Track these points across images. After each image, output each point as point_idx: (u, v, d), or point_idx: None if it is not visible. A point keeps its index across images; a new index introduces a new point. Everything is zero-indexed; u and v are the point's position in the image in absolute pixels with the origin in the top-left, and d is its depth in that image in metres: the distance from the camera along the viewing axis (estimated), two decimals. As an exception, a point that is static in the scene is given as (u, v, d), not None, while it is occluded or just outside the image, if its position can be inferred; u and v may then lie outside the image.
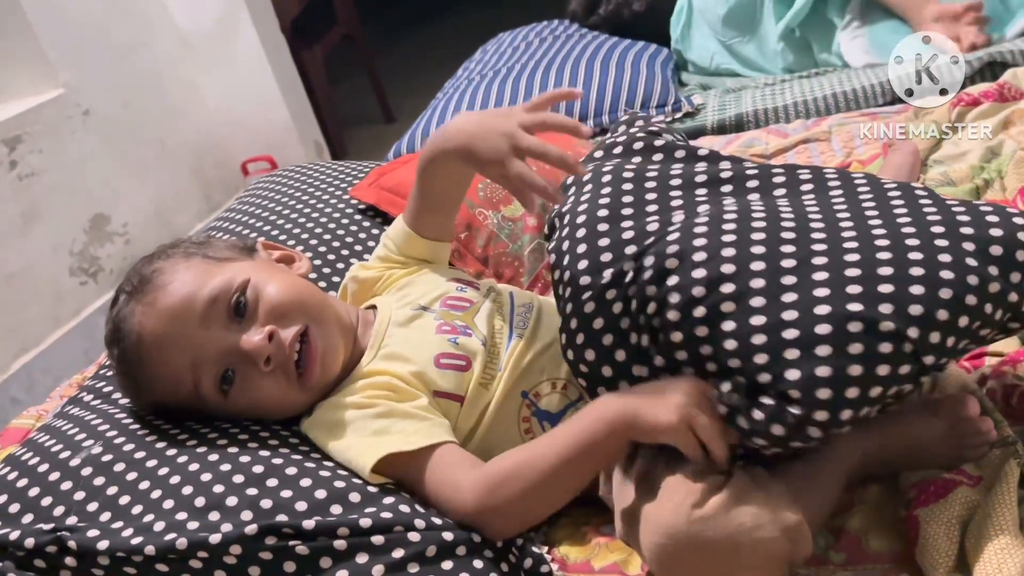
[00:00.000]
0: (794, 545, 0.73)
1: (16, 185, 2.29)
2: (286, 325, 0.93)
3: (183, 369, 0.91)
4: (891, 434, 0.87)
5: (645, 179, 0.93)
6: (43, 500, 0.84)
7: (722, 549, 0.71)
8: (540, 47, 2.20)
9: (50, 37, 2.43)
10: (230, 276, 0.94)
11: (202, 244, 1.01)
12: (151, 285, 0.93)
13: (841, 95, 1.74)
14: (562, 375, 0.97)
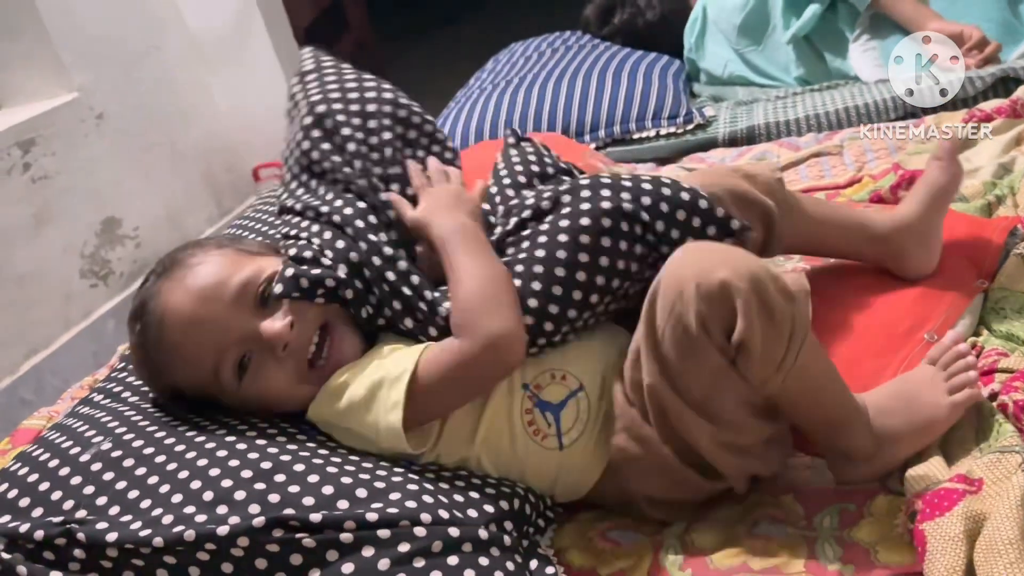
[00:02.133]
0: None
1: (29, 187, 2.30)
2: (307, 319, 0.95)
3: (206, 350, 0.92)
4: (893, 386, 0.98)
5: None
6: (53, 494, 0.85)
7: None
8: (552, 57, 2.21)
9: (65, 41, 2.44)
10: (260, 266, 0.97)
11: (234, 239, 1.06)
12: (182, 266, 0.95)
13: (853, 109, 1.75)
14: (560, 366, 0.98)
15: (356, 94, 1.14)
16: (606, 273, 0.97)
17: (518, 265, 0.97)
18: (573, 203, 0.99)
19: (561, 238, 0.96)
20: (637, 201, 0.98)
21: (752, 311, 0.81)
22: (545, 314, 0.95)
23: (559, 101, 1.98)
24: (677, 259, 0.88)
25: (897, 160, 1.46)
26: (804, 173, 1.57)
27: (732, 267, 0.82)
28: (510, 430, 0.96)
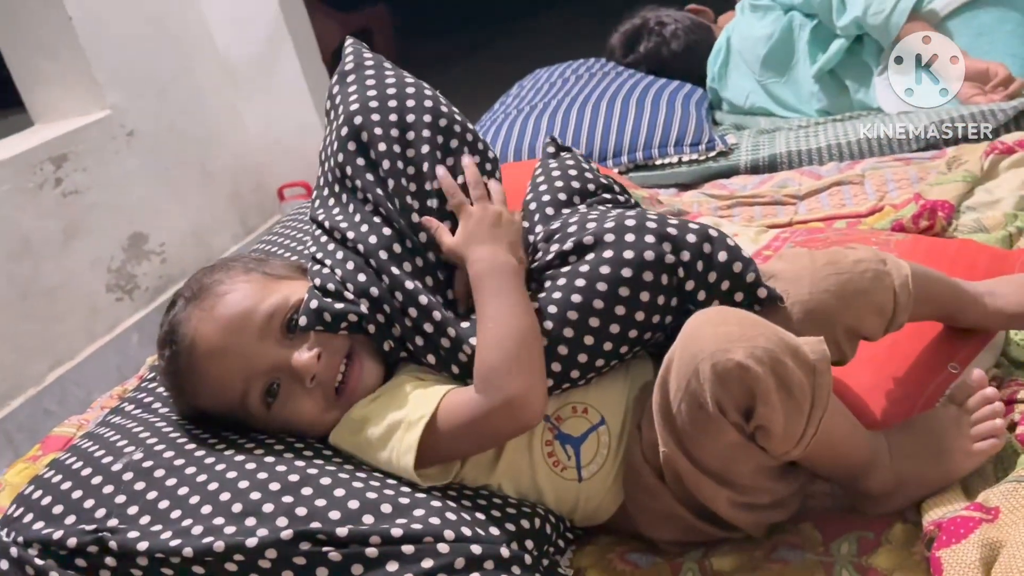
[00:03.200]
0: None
1: (60, 202, 2.34)
2: (332, 349, 0.96)
3: (234, 379, 0.94)
4: (916, 425, 0.95)
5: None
6: (86, 502, 0.87)
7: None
8: (576, 83, 2.24)
9: (100, 61, 2.49)
10: (286, 294, 0.98)
11: (261, 261, 1.04)
12: (211, 293, 0.96)
13: (875, 140, 1.77)
14: (582, 399, 0.98)
15: (395, 101, 1.09)
16: (639, 326, 0.96)
17: (551, 306, 0.96)
18: (616, 246, 0.96)
19: (600, 287, 0.95)
20: (678, 254, 0.96)
21: (771, 393, 0.80)
22: (574, 363, 0.95)
23: (583, 126, 2.00)
24: (692, 331, 0.85)
25: (918, 190, 1.47)
26: (825, 201, 1.58)
27: (749, 346, 0.80)
28: (530, 460, 0.97)
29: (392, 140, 1.06)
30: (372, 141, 1.06)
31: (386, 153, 1.06)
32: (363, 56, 1.16)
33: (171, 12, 2.81)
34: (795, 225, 1.52)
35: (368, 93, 1.10)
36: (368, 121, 1.07)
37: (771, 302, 0.97)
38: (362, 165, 1.06)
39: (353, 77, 1.13)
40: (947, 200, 1.40)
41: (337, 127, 1.09)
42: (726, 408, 0.81)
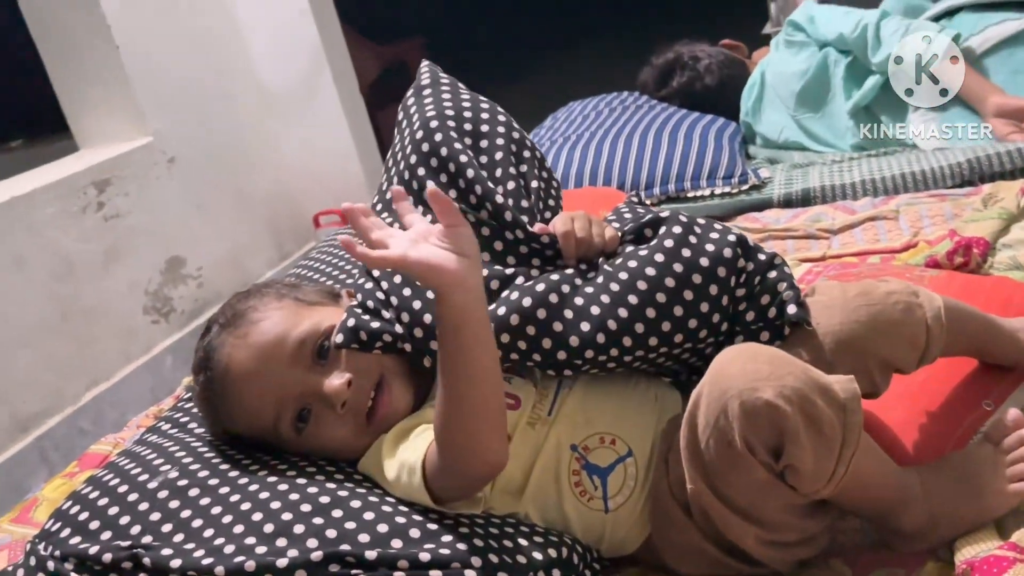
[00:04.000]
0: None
1: (102, 225, 2.39)
2: (363, 373, 0.97)
3: (266, 404, 0.95)
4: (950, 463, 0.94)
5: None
6: (121, 519, 0.88)
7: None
8: (610, 116, 2.25)
9: (144, 88, 2.55)
10: (318, 320, 0.99)
11: (293, 287, 1.06)
12: (244, 320, 0.98)
13: (910, 175, 1.76)
14: (611, 430, 0.99)
15: (470, 112, 1.12)
16: (699, 318, 0.96)
17: (613, 283, 0.96)
18: (702, 235, 0.98)
19: (676, 267, 0.96)
20: (747, 262, 0.99)
21: (800, 432, 0.79)
22: (616, 344, 0.96)
23: (615, 158, 2.01)
24: (721, 367, 0.84)
25: (953, 226, 1.46)
26: (859, 236, 1.58)
27: (778, 384, 0.79)
28: (557, 489, 0.98)
29: (466, 145, 1.08)
30: (446, 142, 1.07)
31: (459, 151, 1.06)
32: (439, 74, 1.20)
33: (214, 42, 2.88)
34: (828, 259, 1.52)
35: (445, 103, 1.12)
36: (444, 126, 1.09)
37: (796, 324, 0.97)
38: (433, 167, 1.07)
39: (429, 91, 1.16)
40: (982, 237, 1.39)
41: (411, 132, 1.11)
42: (754, 446, 0.81)
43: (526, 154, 1.13)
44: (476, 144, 1.10)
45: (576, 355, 0.96)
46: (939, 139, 1.91)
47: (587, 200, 1.61)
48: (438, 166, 1.06)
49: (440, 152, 1.06)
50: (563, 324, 0.95)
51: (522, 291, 0.97)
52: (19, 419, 2.11)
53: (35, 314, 2.18)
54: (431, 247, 0.82)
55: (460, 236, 0.83)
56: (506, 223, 1.02)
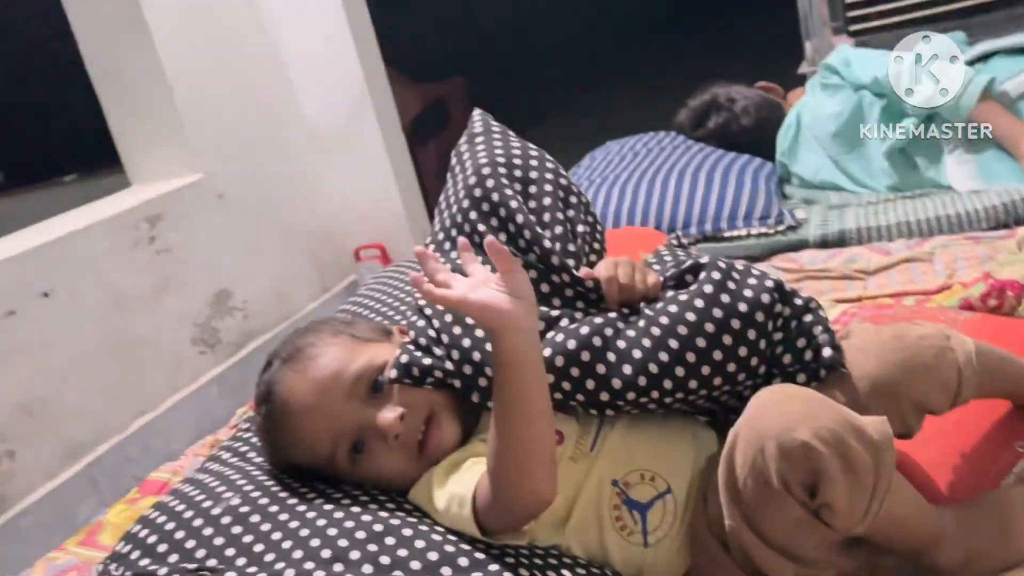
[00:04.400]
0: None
1: (153, 259, 2.46)
2: (415, 407, 1.02)
3: (323, 436, 1.01)
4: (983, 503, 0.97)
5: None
6: (187, 542, 0.94)
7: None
8: (647, 157, 2.30)
9: (195, 127, 2.63)
10: (372, 356, 1.05)
11: (349, 324, 1.11)
12: (303, 355, 1.04)
13: (945, 218, 1.79)
14: (650, 467, 1.02)
15: (520, 160, 1.18)
16: (738, 363, 1.00)
17: (655, 327, 1.01)
18: (741, 281, 1.02)
19: (716, 312, 1.00)
20: (784, 306, 1.02)
21: (835, 472, 0.82)
22: (656, 386, 1.00)
23: (653, 198, 2.06)
24: (757, 409, 0.88)
25: (988, 269, 1.49)
26: (894, 278, 1.60)
27: (814, 425, 0.83)
28: (598, 522, 1.01)
29: (516, 191, 1.14)
30: (497, 188, 1.13)
31: (509, 197, 1.12)
32: (490, 123, 1.26)
33: (263, 83, 2.97)
34: (864, 301, 1.55)
35: (496, 150, 1.18)
36: (495, 172, 1.15)
37: (831, 368, 1.01)
38: (485, 211, 1.12)
39: (482, 139, 1.22)
40: (1017, 280, 1.42)
41: (464, 178, 1.17)
42: (791, 485, 0.84)
43: (573, 200, 1.18)
44: (525, 190, 1.15)
45: (618, 396, 1.00)
46: (974, 181, 1.93)
47: (627, 240, 1.65)
48: (489, 211, 1.12)
49: (491, 198, 1.12)
50: (606, 366, 1.00)
51: (567, 333, 1.01)
52: (70, 446, 2.17)
53: (88, 344, 2.24)
54: (489, 290, 0.88)
55: (516, 281, 0.89)
56: (553, 267, 1.07)
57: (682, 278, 1.06)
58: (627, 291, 1.06)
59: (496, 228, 1.11)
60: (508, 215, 1.11)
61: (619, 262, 1.08)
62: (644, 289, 1.06)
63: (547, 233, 1.12)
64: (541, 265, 1.08)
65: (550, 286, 1.08)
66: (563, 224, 1.15)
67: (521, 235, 1.09)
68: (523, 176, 1.16)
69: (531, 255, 1.08)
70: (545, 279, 1.08)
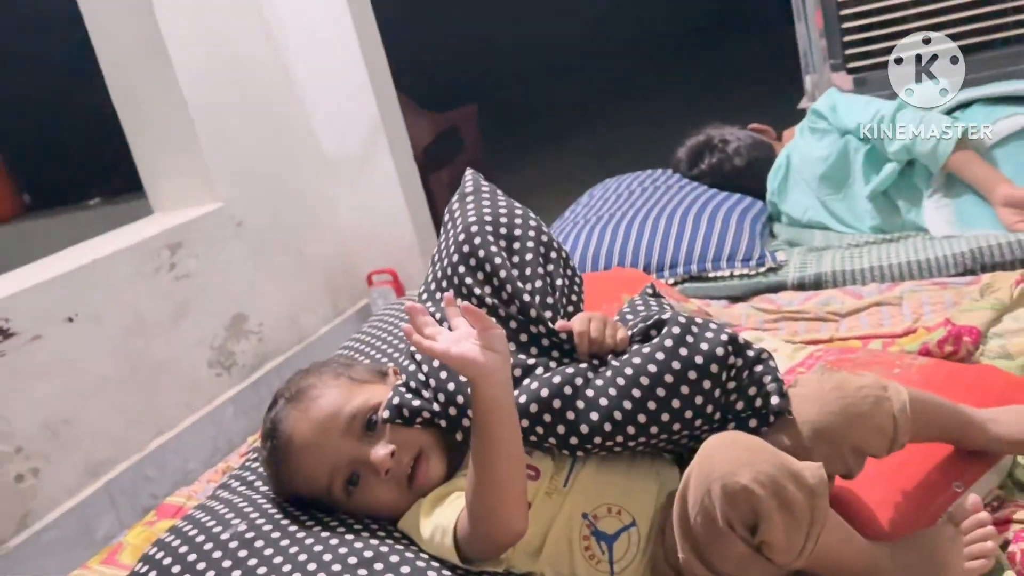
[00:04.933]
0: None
1: (173, 284, 2.57)
2: (405, 444, 1.13)
3: (322, 469, 1.12)
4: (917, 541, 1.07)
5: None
6: (199, 565, 1.05)
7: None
8: (642, 196, 2.41)
9: (216, 157, 2.75)
10: (367, 396, 1.16)
11: (347, 366, 1.23)
12: (306, 396, 1.15)
13: (915, 263, 1.88)
14: (617, 502, 1.13)
15: (506, 219, 1.29)
16: (694, 410, 1.10)
17: (620, 378, 1.11)
18: (698, 335, 1.11)
19: (674, 365, 1.10)
20: (737, 358, 1.12)
21: (772, 513, 0.91)
22: (621, 431, 1.10)
23: (643, 239, 2.17)
24: (707, 453, 0.97)
25: (950, 315, 1.58)
26: (865, 321, 1.70)
27: (754, 470, 0.91)
28: (570, 552, 1.12)
29: (500, 247, 1.25)
30: (483, 245, 1.24)
31: (494, 254, 1.23)
32: (480, 183, 1.38)
33: (280, 114, 3.08)
34: (835, 342, 1.64)
35: (484, 209, 1.30)
36: (482, 230, 1.26)
37: (779, 414, 1.11)
38: (472, 266, 1.24)
39: (472, 198, 1.34)
40: (975, 326, 1.51)
41: (455, 234, 1.29)
42: (734, 524, 0.93)
43: (553, 255, 1.30)
44: (510, 246, 1.26)
45: (586, 440, 1.11)
46: (951, 226, 2.02)
47: (613, 283, 1.76)
48: (476, 265, 1.23)
49: (478, 254, 1.24)
50: (575, 413, 1.11)
51: (540, 382, 1.12)
52: (91, 465, 2.26)
53: (109, 366, 2.34)
54: (470, 344, 0.99)
55: (493, 337, 1.00)
56: (531, 319, 1.19)
57: (647, 332, 1.16)
58: (597, 344, 1.17)
59: (481, 281, 1.22)
60: (492, 270, 1.22)
61: (592, 317, 1.19)
62: (612, 344, 1.17)
63: (527, 287, 1.23)
64: (521, 316, 1.19)
65: (528, 336, 1.19)
66: (543, 278, 1.26)
67: (504, 288, 1.21)
68: (508, 233, 1.27)
69: (512, 307, 1.19)
70: (524, 329, 1.19)
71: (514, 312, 1.20)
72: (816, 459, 0.98)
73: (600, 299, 1.50)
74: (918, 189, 2.11)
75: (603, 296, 1.53)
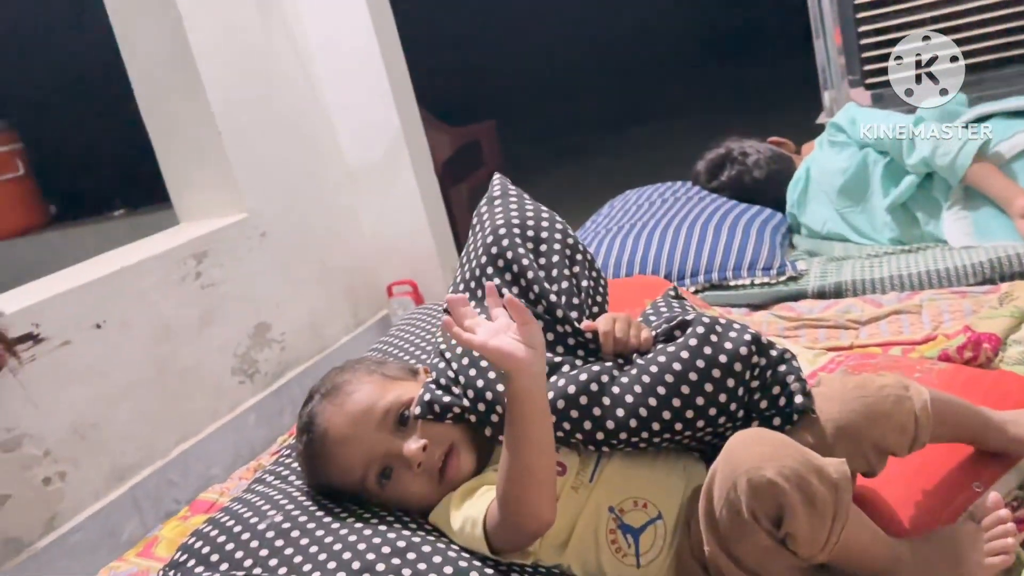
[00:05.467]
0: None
1: (199, 293, 2.60)
2: (437, 439, 1.16)
3: (356, 462, 1.15)
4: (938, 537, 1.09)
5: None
6: (236, 553, 1.08)
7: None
8: (662, 206, 2.44)
9: (242, 169, 2.79)
10: (400, 392, 1.19)
11: (380, 363, 1.27)
12: (341, 391, 1.19)
13: (935, 272, 1.90)
14: (644, 495, 1.15)
15: (533, 221, 1.33)
16: (718, 407, 1.13)
17: (645, 375, 1.13)
18: (722, 335, 1.14)
19: (699, 363, 1.12)
20: (761, 357, 1.14)
21: (796, 506, 0.93)
22: (646, 428, 1.13)
23: (664, 248, 2.20)
24: (733, 448, 0.99)
25: (969, 322, 1.60)
26: (884, 328, 1.72)
27: (779, 465, 0.94)
28: (596, 544, 1.14)
29: (528, 249, 1.28)
30: (511, 247, 1.27)
31: (522, 255, 1.26)
32: (508, 186, 1.41)
33: (305, 127, 3.13)
34: (855, 349, 1.66)
35: (512, 212, 1.33)
36: (510, 233, 1.29)
37: (802, 412, 1.13)
38: (500, 267, 1.27)
39: (500, 201, 1.37)
40: (995, 333, 1.53)
41: (483, 236, 1.32)
42: (759, 517, 0.96)
43: (579, 257, 1.33)
44: (537, 248, 1.29)
45: (612, 436, 1.14)
46: (969, 237, 2.04)
47: (635, 289, 1.78)
48: (503, 267, 1.26)
49: (506, 255, 1.27)
50: (601, 410, 1.13)
51: (567, 379, 1.15)
52: (117, 469, 2.29)
53: (136, 373, 2.37)
54: (507, 338, 1.02)
55: (530, 332, 1.03)
56: (558, 319, 1.21)
57: (671, 333, 1.19)
58: (621, 344, 1.20)
59: (509, 282, 1.25)
60: (520, 271, 1.25)
61: (617, 318, 1.22)
62: (637, 344, 1.20)
63: (554, 288, 1.26)
64: (548, 316, 1.22)
65: (555, 335, 1.22)
66: (569, 280, 1.29)
67: (531, 289, 1.24)
68: (535, 236, 1.30)
69: (539, 307, 1.22)
70: (551, 329, 1.22)
71: (541, 312, 1.23)
72: (839, 456, 1.01)
73: (622, 305, 1.52)
74: (937, 201, 2.13)
75: (625, 302, 1.55)
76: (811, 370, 1.52)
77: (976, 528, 1.10)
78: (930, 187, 2.14)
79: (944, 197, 2.11)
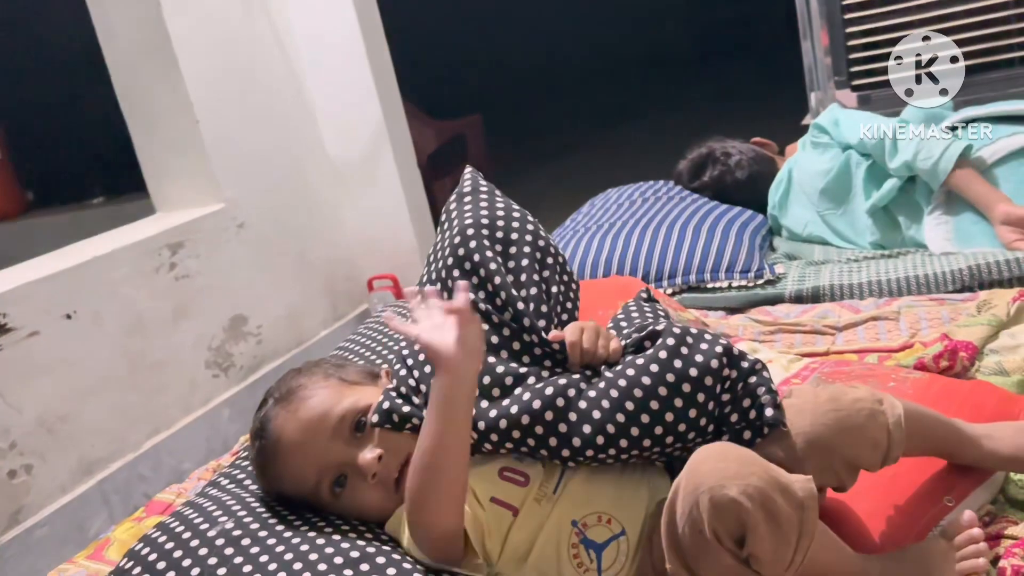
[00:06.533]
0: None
1: (173, 284, 2.57)
2: (393, 449, 1.13)
3: (309, 470, 1.12)
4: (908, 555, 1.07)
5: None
6: (184, 561, 1.05)
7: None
8: (643, 206, 2.41)
9: (220, 159, 2.76)
10: (357, 398, 1.16)
11: (339, 367, 1.23)
12: (296, 397, 1.15)
13: (913, 278, 1.87)
14: (608, 510, 1.12)
15: (503, 221, 1.28)
16: (688, 422, 1.09)
17: (613, 390, 1.10)
18: (693, 347, 1.11)
19: (668, 377, 1.09)
20: (731, 370, 1.11)
21: (760, 525, 0.90)
22: (614, 445, 1.10)
23: (642, 249, 2.17)
24: (696, 464, 0.95)
25: (947, 330, 1.58)
26: (861, 334, 1.69)
27: (743, 483, 0.90)
28: (557, 558, 1.11)
29: (496, 252, 1.24)
30: (479, 250, 1.24)
31: (489, 259, 1.23)
32: (479, 183, 1.36)
33: (286, 118, 3.10)
34: (831, 355, 1.64)
35: (481, 211, 1.29)
36: (478, 233, 1.25)
37: (773, 425, 1.10)
38: (467, 270, 1.23)
39: (469, 198, 1.32)
40: (971, 342, 1.51)
41: (450, 236, 1.28)
42: (721, 536, 0.93)
43: (549, 260, 1.29)
44: (506, 250, 1.26)
45: (578, 453, 1.11)
46: (949, 243, 2.02)
47: (611, 290, 1.75)
48: (470, 270, 1.23)
49: (473, 258, 1.23)
50: (567, 426, 1.10)
51: (533, 392, 1.12)
52: (86, 462, 2.26)
53: (107, 365, 2.34)
54: (442, 334, 1.00)
55: (468, 331, 1.01)
56: (524, 328, 1.18)
57: (641, 343, 1.16)
58: (589, 355, 1.17)
59: (476, 286, 1.22)
60: (487, 276, 1.21)
61: (585, 327, 1.19)
62: (605, 354, 1.17)
63: (522, 294, 1.22)
64: (514, 324, 1.19)
65: (520, 344, 1.19)
66: (538, 285, 1.25)
67: (498, 295, 1.20)
68: (504, 237, 1.27)
69: (505, 314, 1.19)
70: (517, 337, 1.19)
71: (507, 319, 1.19)
72: (809, 471, 0.98)
73: (597, 306, 1.50)
74: (919, 205, 2.11)
75: (600, 303, 1.53)
76: (785, 376, 1.50)
77: (948, 546, 1.07)
78: (913, 191, 2.12)
79: (926, 201, 2.09)
